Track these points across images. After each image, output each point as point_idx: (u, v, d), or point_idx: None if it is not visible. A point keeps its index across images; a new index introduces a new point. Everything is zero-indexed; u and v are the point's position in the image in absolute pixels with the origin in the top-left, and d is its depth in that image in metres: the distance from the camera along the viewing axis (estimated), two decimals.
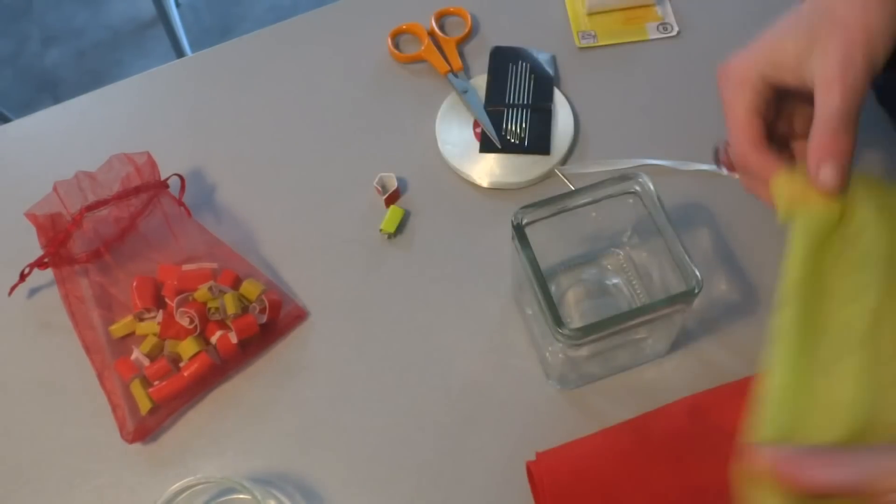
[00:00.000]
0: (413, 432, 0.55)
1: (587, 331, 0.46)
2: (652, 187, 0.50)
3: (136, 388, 0.55)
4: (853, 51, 0.39)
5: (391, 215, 0.62)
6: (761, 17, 0.75)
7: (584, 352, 0.50)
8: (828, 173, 0.39)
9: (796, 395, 0.41)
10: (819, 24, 0.41)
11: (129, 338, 0.58)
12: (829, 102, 0.39)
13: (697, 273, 0.47)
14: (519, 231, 0.49)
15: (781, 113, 0.46)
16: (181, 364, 0.56)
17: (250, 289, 0.58)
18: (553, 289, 0.58)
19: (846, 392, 0.40)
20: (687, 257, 0.47)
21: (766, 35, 0.43)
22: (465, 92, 0.69)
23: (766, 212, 0.62)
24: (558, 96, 0.68)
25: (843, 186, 0.39)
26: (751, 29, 0.75)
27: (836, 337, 0.42)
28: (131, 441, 0.54)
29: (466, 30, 0.73)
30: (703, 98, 0.68)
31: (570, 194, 0.51)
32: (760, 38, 0.43)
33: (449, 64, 0.71)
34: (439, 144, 0.66)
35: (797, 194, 0.42)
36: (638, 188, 0.50)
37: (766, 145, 0.43)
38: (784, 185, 0.42)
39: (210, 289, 0.57)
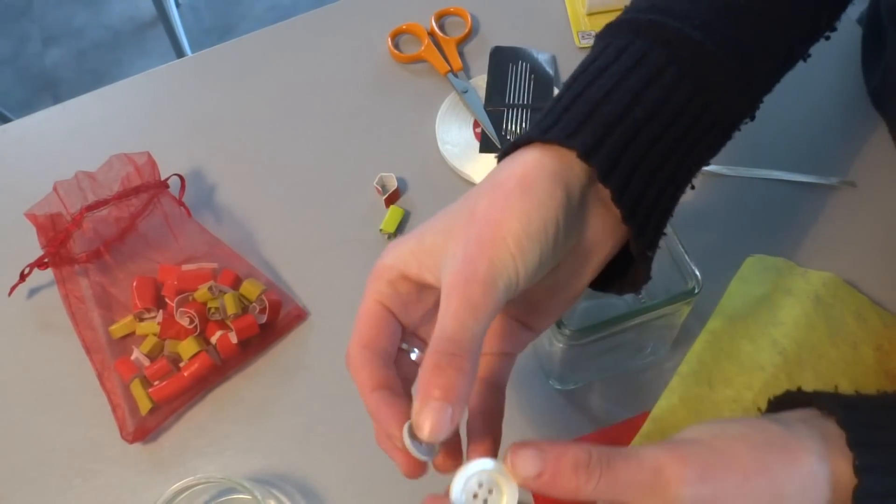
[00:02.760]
0: None
1: (587, 331, 0.46)
2: None
3: (136, 388, 0.55)
4: (478, 258, 0.32)
5: (391, 215, 0.62)
6: None
7: (584, 352, 0.50)
8: (425, 419, 0.30)
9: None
10: (458, 218, 0.34)
11: (129, 338, 0.58)
12: (441, 325, 0.31)
13: (697, 273, 0.47)
14: None
15: None
16: (181, 364, 0.56)
17: (250, 289, 0.58)
18: None
19: None
20: (687, 257, 0.47)
21: (423, 225, 0.36)
22: (465, 92, 0.69)
23: (766, 212, 0.62)
24: None
25: (450, 432, 0.31)
26: None
27: (725, 397, 0.51)
28: (131, 441, 0.54)
29: (466, 30, 0.73)
30: None
31: None
32: (426, 223, 0.36)
33: (449, 64, 0.71)
34: (439, 144, 0.66)
35: None
36: None
37: (381, 350, 0.35)
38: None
39: (210, 289, 0.57)
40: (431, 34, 0.73)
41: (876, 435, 0.35)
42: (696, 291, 0.47)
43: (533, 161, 0.34)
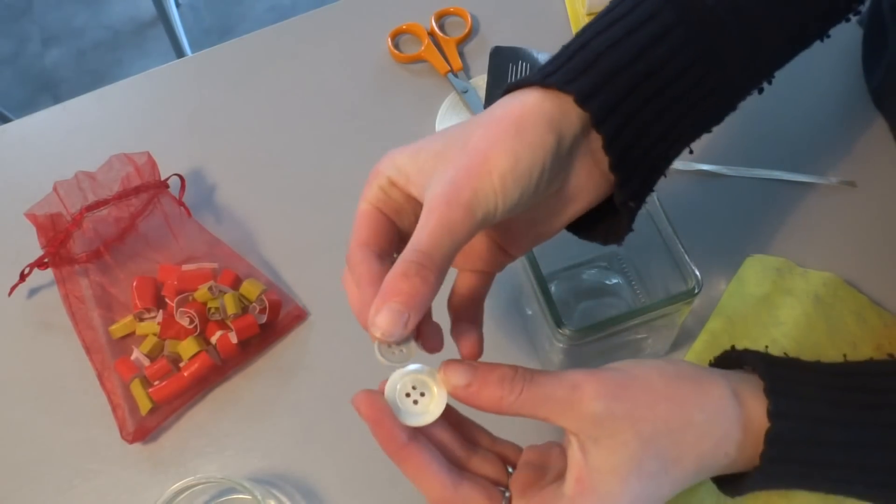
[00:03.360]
0: None
1: (587, 331, 0.46)
2: None
3: (136, 388, 0.55)
4: (463, 186, 0.33)
5: None
6: None
7: (584, 352, 0.50)
8: (381, 318, 0.32)
9: None
10: (453, 144, 0.35)
11: (129, 338, 0.58)
12: (417, 238, 0.33)
13: (697, 273, 0.47)
14: None
15: None
16: (181, 364, 0.56)
17: (250, 289, 0.58)
18: (553, 289, 0.58)
19: None
20: (687, 257, 0.47)
21: (422, 140, 0.37)
22: (465, 92, 0.69)
23: (766, 212, 0.62)
24: None
25: (402, 336, 0.33)
26: None
27: None
28: (131, 441, 0.54)
29: (466, 30, 0.73)
30: None
31: None
32: (426, 139, 0.37)
33: (449, 64, 0.71)
34: None
35: None
36: None
37: (379, 250, 0.37)
38: None
39: (210, 289, 0.57)
40: (431, 34, 0.73)
41: (792, 387, 0.37)
42: (696, 291, 0.47)
43: (532, 103, 0.35)
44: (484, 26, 0.74)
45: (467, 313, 0.41)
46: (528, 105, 0.35)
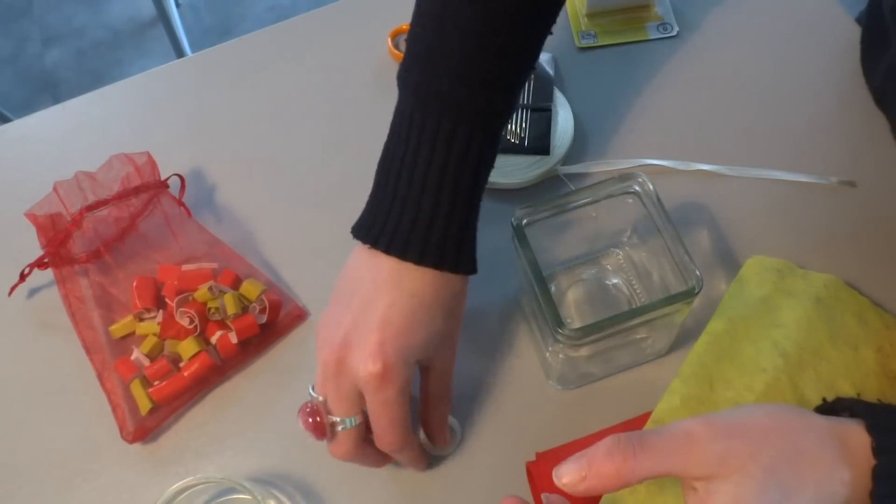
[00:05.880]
0: None
1: (587, 331, 0.46)
2: (652, 187, 0.50)
3: (136, 388, 0.55)
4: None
5: None
6: (759, 16, 0.75)
7: (584, 352, 0.50)
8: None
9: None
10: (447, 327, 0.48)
11: (129, 338, 0.58)
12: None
13: (697, 273, 0.47)
14: (519, 232, 0.49)
15: None
16: (181, 364, 0.56)
17: (250, 289, 0.58)
18: (553, 289, 0.58)
19: None
20: (687, 257, 0.47)
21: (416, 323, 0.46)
22: None
23: (766, 212, 0.62)
24: (558, 96, 0.68)
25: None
26: (749, 28, 0.75)
27: (730, 392, 0.51)
28: (131, 441, 0.54)
29: None
30: (703, 98, 0.68)
31: (570, 194, 0.51)
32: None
33: None
34: None
35: None
36: (638, 188, 0.50)
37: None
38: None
39: (210, 289, 0.57)
40: None
41: (894, 423, 0.37)
42: (696, 291, 0.47)
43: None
44: None
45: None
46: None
